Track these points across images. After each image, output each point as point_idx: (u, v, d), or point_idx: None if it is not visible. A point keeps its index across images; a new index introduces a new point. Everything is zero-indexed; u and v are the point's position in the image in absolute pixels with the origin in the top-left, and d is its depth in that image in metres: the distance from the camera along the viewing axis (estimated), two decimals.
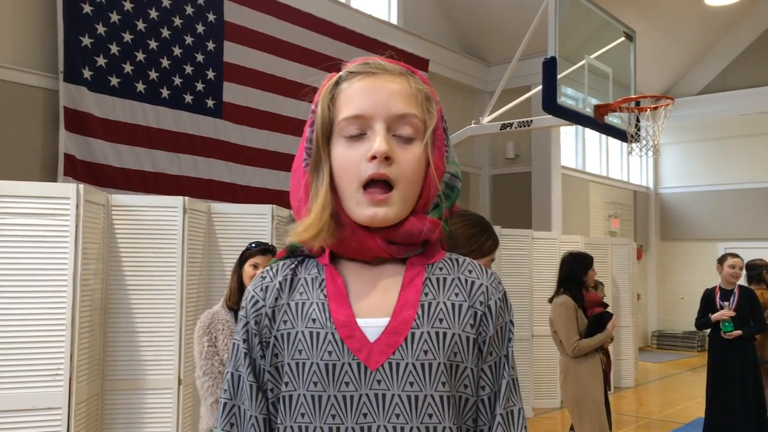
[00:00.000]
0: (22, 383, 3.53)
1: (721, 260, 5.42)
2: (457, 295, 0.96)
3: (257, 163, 7.09)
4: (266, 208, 4.88)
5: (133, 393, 4.21)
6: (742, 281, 5.52)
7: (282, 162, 7.30)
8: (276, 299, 0.97)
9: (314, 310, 0.94)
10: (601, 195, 12.29)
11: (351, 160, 0.92)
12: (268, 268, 1.02)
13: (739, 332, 5.13)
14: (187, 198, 4.46)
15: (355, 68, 0.97)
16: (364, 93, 0.94)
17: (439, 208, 0.98)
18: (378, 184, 0.92)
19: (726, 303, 5.24)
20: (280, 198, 6.95)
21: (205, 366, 2.95)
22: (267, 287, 0.98)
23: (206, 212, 4.71)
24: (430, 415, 0.90)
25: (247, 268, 3.10)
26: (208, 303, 4.53)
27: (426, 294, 0.95)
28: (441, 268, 0.98)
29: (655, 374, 10.19)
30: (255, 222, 4.83)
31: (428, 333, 0.92)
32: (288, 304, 0.96)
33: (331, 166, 0.95)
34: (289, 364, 0.93)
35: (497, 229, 7.09)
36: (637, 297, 9.52)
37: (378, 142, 0.91)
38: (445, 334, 0.93)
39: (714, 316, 5.23)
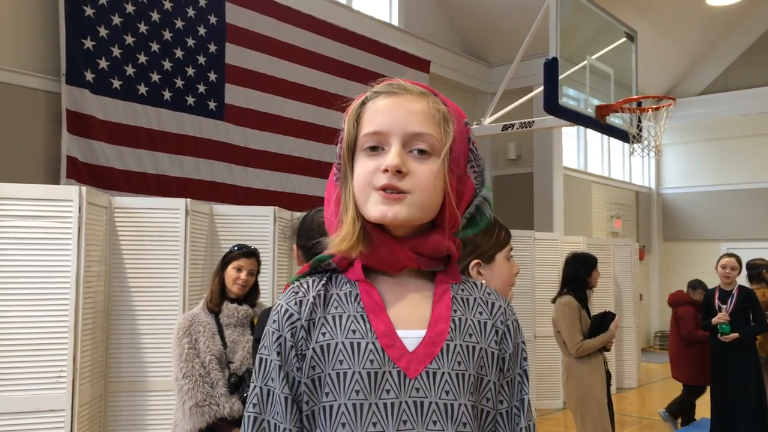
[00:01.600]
0: (25, 385, 3.54)
1: (717, 261, 5.44)
2: (481, 313, 1.03)
3: (259, 164, 7.10)
4: (268, 210, 4.89)
5: (136, 395, 4.22)
6: (744, 281, 5.53)
7: (284, 164, 7.31)
8: (311, 313, 0.99)
9: (353, 321, 0.98)
10: (603, 196, 12.28)
11: (367, 171, 0.97)
12: (298, 283, 1.04)
13: (735, 335, 5.12)
14: (189, 200, 4.47)
15: (379, 88, 1.03)
16: (385, 111, 0.99)
17: (463, 231, 1.04)
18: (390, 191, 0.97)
19: (723, 306, 5.24)
20: (281, 199, 6.96)
21: (185, 368, 2.89)
22: (301, 301, 1.00)
23: (208, 214, 4.71)
24: (464, 424, 0.95)
25: (230, 271, 3.07)
26: None
27: (455, 310, 1.01)
28: (463, 290, 1.05)
29: (657, 375, 10.17)
30: (257, 223, 4.84)
31: (461, 345, 0.98)
32: (325, 317, 0.99)
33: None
34: (329, 374, 0.95)
35: None
36: (640, 297, 9.51)
37: (391, 156, 0.96)
38: (474, 347, 0.99)
39: (713, 321, 5.24)
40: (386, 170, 0.95)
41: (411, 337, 0.97)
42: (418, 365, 0.95)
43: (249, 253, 3.12)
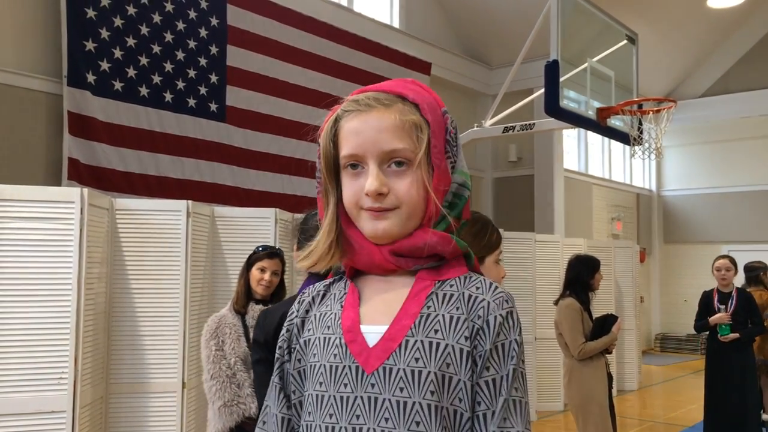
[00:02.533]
0: (26, 387, 3.54)
1: (712, 264, 5.45)
2: (457, 308, 0.99)
3: (260, 166, 7.10)
4: (269, 212, 4.89)
5: (137, 396, 4.22)
6: (742, 283, 5.52)
7: (285, 165, 7.32)
8: (307, 311, 1.08)
9: (330, 318, 1.03)
10: (604, 198, 12.28)
11: (353, 192, 1.01)
12: (313, 286, 1.12)
13: (735, 335, 5.12)
14: (190, 202, 4.47)
15: (347, 106, 1.04)
16: (355, 133, 1.00)
17: (444, 220, 1.02)
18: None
19: (723, 306, 5.23)
20: (283, 201, 6.96)
21: (212, 370, 2.95)
22: (303, 301, 1.10)
23: (210, 216, 4.72)
24: (417, 423, 0.93)
25: (255, 272, 3.11)
26: (212, 306, 4.54)
27: (428, 306, 0.99)
28: (452, 285, 1.02)
29: (658, 377, 10.17)
30: (258, 225, 4.84)
31: (421, 342, 0.96)
32: (315, 315, 1.06)
33: (340, 193, 1.04)
34: (307, 366, 1.03)
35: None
36: (641, 300, 9.51)
37: (369, 181, 0.98)
38: (438, 344, 0.96)
39: (712, 320, 5.23)
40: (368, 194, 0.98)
41: (374, 332, 0.98)
42: (375, 361, 0.96)
43: (272, 253, 3.15)
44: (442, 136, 1.02)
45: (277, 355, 1.08)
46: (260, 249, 3.18)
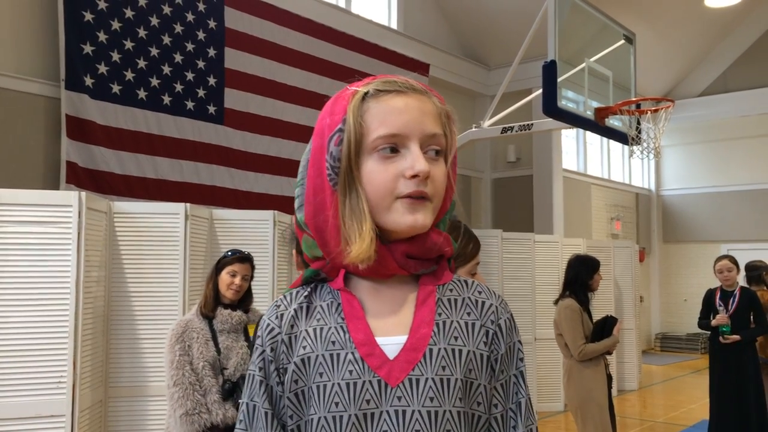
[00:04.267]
0: (25, 391, 3.54)
1: (714, 266, 5.44)
2: (469, 314, 0.98)
3: (259, 168, 7.10)
4: (268, 214, 4.89)
5: (136, 400, 4.21)
6: (743, 283, 5.52)
7: (283, 167, 7.31)
8: (292, 326, 0.98)
9: (333, 332, 0.95)
10: (603, 198, 12.28)
11: (387, 178, 0.93)
12: (282, 297, 1.02)
13: (736, 337, 5.11)
14: (189, 204, 4.47)
15: (382, 86, 0.97)
16: (399, 112, 0.94)
17: (444, 221, 1.00)
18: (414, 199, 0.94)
19: (722, 306, 5.23)
20: (281, 203, 6.95)
21: (176, 376, 2.88)
22: (282, 315, 0.99)
23: (208, 218, 4.71)
24: (449, 431, 0.91)
25: (225, 276, 3.04)
26: None
27: (440, 313, 0.97)
28: (451, 290, 1.00)
29: (659, 377, 10.17)
30: (257, 228, 4.84)
31: (445, 349, 0.94)
32: (306, 330, 0.97)
33: (362, 184, 0.95)
34: (311, 388, 0.94)
35: (498, 232, 7.11)
36: (640, 299, 9.51)
37: (421, 162, 0.92)
38: (460, 351, 0.95)
39: (713, 323, 5.23)
40: (414, 176, 0.92)
41: (392, 344, 0.94)
42: (399, 373, 0.92)
43: (243, 258, 3.09)
44: (455, 143, 1.02)
45: (259, 377, 0.97)
46: (230, 253, 3.12)
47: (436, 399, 0.91)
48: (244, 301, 3.12)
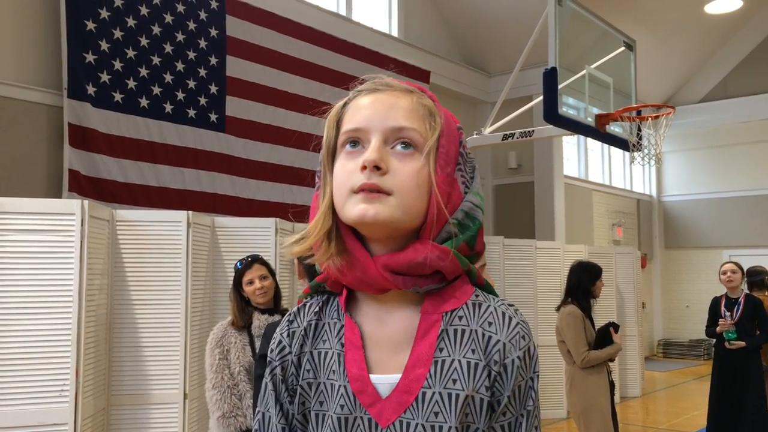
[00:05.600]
0: (28, 399, 3.54)
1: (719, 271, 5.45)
2: (473, 351, 0.90)
3: (260, 176, 7.11)
4: (270, 221, 4.89)
5: (139, 408, 4.21)
6: (745, 288, 5.51)
7: (285, 175, 7.32)
8: (301, 346, 0.96)
9: (333, 360, 0.93)
10: (605, 204, 12.28)
11: (347, 171, 0.90)
12: (295, 310, 1.00)
13: (742, 343, 5.10)
14: (191, 212, 4.48)
15: (361, 87, 0.97)
16: (365, 107, 0.93)
17: (451, 238, 0.91)
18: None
19: (728, 313, 5.22)
20: (283, 211, 6.95)
21: (214, 379, 2.94)
22: (294, 333, 0.97)
23: (210, 226, 4.72)
24: None
25: (246, 288, 3.08)
26: (213, 317, 4.54)
27: (441, 349, 0.90)
28: (461, 317, 0.92)
29: (661, 383, 10.14)
30: (258, 235, 4.84)
31: (440, 393, 0.88)
32: (311, 353, 0.95)
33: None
34: (313, 412, 0.93)
35: (500, 239, 7.12)
36: (642, 306, 9.49)
37: (369, 151, 0.88)
38: (458, 395, 0.88)
39: (717, 329, 5.23)
40: (364, 167, 0.87)
41: (386, 382, 0.90)
42: (390, 414, 0.88)
43: (250, 262, 3.13)
44: (454, 144, 0.94)
45: (272, 392, 0.97)
46: (238, 265, 3.15)
47: None
48: (278, 302, 3.16)
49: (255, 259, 3.15)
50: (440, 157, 0.92)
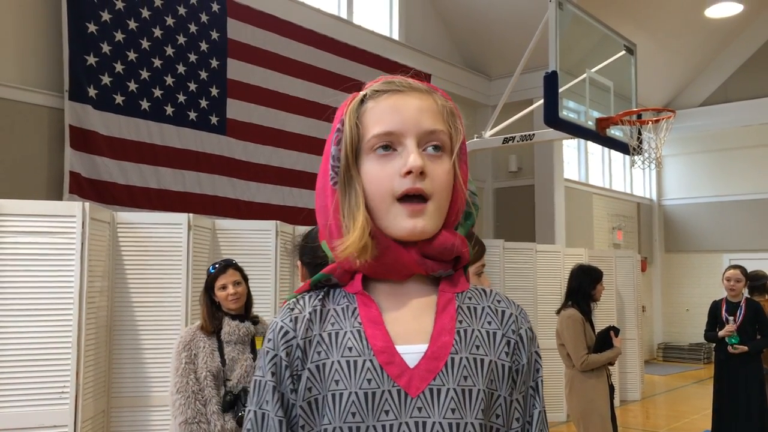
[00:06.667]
0: (28, 401, 3.54)
1: (723, 274, 5.45)
2: (490, 323, 0.96)
3: (261, 179, 7.12)
4: (270, 224, 4.90)
5: (139, 410, 4.21)
6: (745, 293, 5.51)
7: (286, 177, 7.34)
8: (307, 330, 0.93)
9: (350, 338, 0.91)
10: (605, 207, 12.29)
11: (384, 176, 0.92)
12: (294, 300, 0.99)
13: (745, 348, 5.11)
14: (191, 215, 4.48)
15: (380, 86, 0.98)
16: (394, 110, 0.94)
17: (464, 224, 0.99)
18: (413, 198, 0.92)
19: (731, 318, 5.22)
20: (284, 213, 6.97)
21: (179, 383, 2.87)
22: (297, 318, 0.95)
23: (211, 229, 4.73)
24: None
25: (218, 293, 3.02)
26: None
27: (461, 321, 0.94)
28: (470, 298, 0.98)
29: (661, 387, 10.14)
30: (259, 238, 4.85)
31: (467, 359, 0.91)
32: (320, 335, 0.93)
33: (362, 183, 0.94)
34: (326, 396, 0.89)
35: (500, 242, 7.12)
36: (642, 309, 9.48)
37: (413, 157, 0.91)
38: (483, 360, 0.92)
39: (720, 334, 5.23)
40: (408, 172, 0.90)
41: (412, 352, 0.90)
42: (420, 382, 0.89)
43: (223, 267, 3.06)
44: (464, 140, 1.00)
45: (271, 383, 0.92)
46: (211, 270, 3.08)
47: (457, 410, 0.88)
48: (249, 308, 3.11)
49: (229, 264, 3.09)
50: (462, 153, 0.98)
